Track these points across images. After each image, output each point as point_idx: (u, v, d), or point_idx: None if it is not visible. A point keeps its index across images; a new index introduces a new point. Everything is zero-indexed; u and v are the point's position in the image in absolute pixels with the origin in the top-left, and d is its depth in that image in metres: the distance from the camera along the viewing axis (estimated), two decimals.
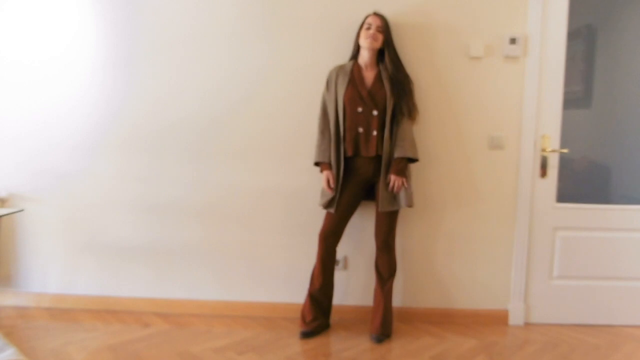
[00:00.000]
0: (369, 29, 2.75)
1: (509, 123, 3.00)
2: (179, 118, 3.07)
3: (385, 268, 2.86)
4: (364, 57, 2.80)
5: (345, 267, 3.10)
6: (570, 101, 3.03)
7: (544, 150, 2.99)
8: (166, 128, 3.08)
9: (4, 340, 1.95)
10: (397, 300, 3.09)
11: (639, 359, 2.69)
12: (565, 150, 3.00)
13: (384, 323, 2.83)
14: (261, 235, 3.12)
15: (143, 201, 3.12)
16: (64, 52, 3.06)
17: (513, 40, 2.93)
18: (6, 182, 3.14)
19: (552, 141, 2.99)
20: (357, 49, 2.84)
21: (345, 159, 2.81)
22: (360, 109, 2.76)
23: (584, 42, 3.11)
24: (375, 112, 2.75)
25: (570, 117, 3.02)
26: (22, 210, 3.06)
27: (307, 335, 2.84)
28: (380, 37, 2.75)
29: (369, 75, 2.80)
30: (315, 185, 2.99)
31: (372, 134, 2.76)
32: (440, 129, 3.02)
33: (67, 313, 3.11)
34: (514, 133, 3.01)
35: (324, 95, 2.87)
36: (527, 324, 3.09)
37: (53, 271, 3.19)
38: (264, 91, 3.03)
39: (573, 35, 2.99)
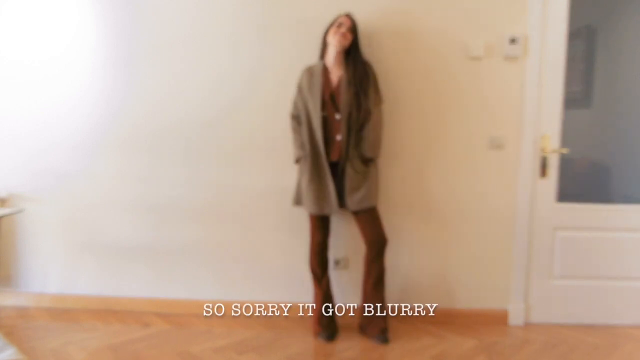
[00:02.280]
0: (339, 27, 2.72)
1: (509, 123, 3.01)
2: (178, 118, 3.07)
3: (374, 244, 2.78)
4: (330, 56, 2.77)
5: (345, 267, 3.10)
6: (570, 101, 3.03)
7: (544, 150, 2.99)
8: (166, 128, 3.08)
9: (4, 340, 1.95)
10: (396, 300, 3.09)
11: (639, 359, 2.69)
12: (565, 150, 3.00)
13: (380, 319, 2.83)
14: (261, 235, 3.12)
15: (143, 201, 3.12)
16: (64, 52, 3.06)
17: (513, 40, 2.93)
18: (6, 182, 3.14)
19: (552, 141, 2.99)
20: (324, 47, 2.81)
21: (320, 163, 2.77)
22: (324, 113, 2.75)
23: (584, 42, 3.11)
24: (338, 117, 2.73)
25: (570, 117, 3.02)
26: (22, 211, 3.06)
27: (329, 337, 2.83)
28: (350, 37, 2.73)
29: (334, 78, 2.77)
30: None
31: (336, 138, 2.74)
32: (441, 128, 3.02)
33: (67, 313, 3.11)
34: (514, 133, 3.01)
35: (295, 99, 2.86)
36: (527, 324, 3.09)
37: (53, 271, 3.19)
38: (264, 91, 3.03)
39: (573, 35, 2.98)
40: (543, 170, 3.00)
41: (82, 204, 3.14)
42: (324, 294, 2.90)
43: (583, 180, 3.21)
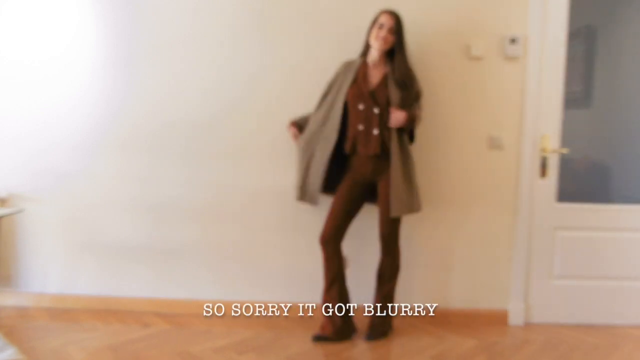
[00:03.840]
0: (380, 28, 2.68)
1: (509, 123, 3.01)
2: (178, 118, 3.07)
3: (385, 269, 2.86)
4: (373, 56, 2.74)
5: (346, 266, 3.09)
6: (570, 101, 3.03)
7: (544, 150, 2.99)
8: (166, 128, 3.07)
9: (4, 340, 1.95)
10: (397, 300, 3.09)
11: (639, 359, 2.69)
12: (565, 150, 3.00)
13: (378, 322, 2.84)
14: (261, 235, 3.12)
15: (143, 201, 3.12)
16: (64, 52, 3.06)
17: (513, 40, 2.93)
18: (6, 182, 3.14)
19: (552, 141, 3.00)
20: (367, 46, 2.78)
21: (344, 156, 2.80)
22: (361, 107, 2.72)
23: (584, 42, 3.11)
24: (376, 110, 2.71)
25: (571, 117, 3.02)
26: (22, 211, 3.06)
27: (320, 339, 2.80)
28: (390, 39, 2.68)
29: (376, 74, 2.75)
30: None
31: (372, 132, 2.73)
32: (441, 128, 3.02)
33: (67, 313, 3.10)
34: (514, 133, 3.01)
35: (330, 84, 2.85)
36: (527, 324, 3.09)
37: (53, 271, 3.19)
38: (264, 91, 3.03)
39: (573, 35, 2.99)
40: (543, 170, 3.00)
41: (82, 204, 3.14)
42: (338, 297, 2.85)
43: (583, 180, 3.21)
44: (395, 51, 2.71)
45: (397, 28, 2.69)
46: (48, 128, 3.10)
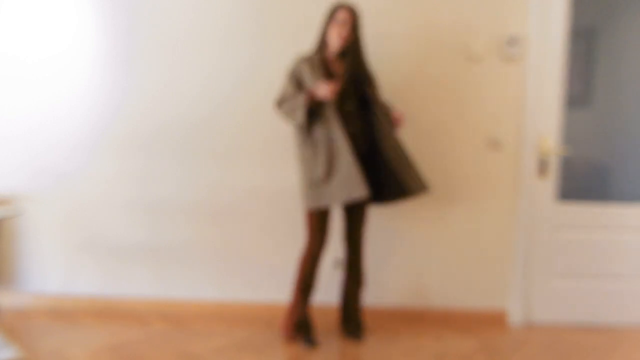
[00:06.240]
0: (342, 26, 2.56)
1: (509, 123, 3.01)
2: (177, 117, 3.07)
3: (356, 278, 2.81)
4: (333, 51, 2.64)
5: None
6: (571, 101, 3.03)
7: (543, 150, 2.99)
8: (166, 127, 3.08)
9: (4, 340, 1.96)
10: (397, 300, 3.10)
11: (639, 359, 2.69)
12: (564, 151, 3.00)
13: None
14: (262, 234, 3.12)
15: (143, 200, 3.12)
16: (63, 52, 3.06)
17: (513, 41, 2.94)
18: (6, 182, 3.14)
19: (552, 141, 3.00)
20: (323, 42, 2.65)
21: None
22: (348, 106, 2.61)
23: (584, 42, 3.11)
24: (353, 107, 2.63)
25: (571, 117, 3.03)
26: (22, 213, 3.06)
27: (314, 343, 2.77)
28: (352, 37, 2.59)
29: (339, 69, 2.65)
30: None
31: (364, 130, 2.65)
32: (440, 129, 3.02)
33: (67, 313, 3.11)
34: (513, 133, 3.01)
35: (295, 77, 2.63)
36: (527, 324, 3.09)
37: (53, 271, 3.19)
38: (262, 90, 3.03)
39: (573, 35, 2.99)
40: (543, 170, 3.01)
41: (82, 203, 3.14)
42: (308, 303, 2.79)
43: (583, 179, 3.21)
44: (353, 46, 2.60)
45: (357, 22, 2.59)
46: (48, 128, 3.11)
